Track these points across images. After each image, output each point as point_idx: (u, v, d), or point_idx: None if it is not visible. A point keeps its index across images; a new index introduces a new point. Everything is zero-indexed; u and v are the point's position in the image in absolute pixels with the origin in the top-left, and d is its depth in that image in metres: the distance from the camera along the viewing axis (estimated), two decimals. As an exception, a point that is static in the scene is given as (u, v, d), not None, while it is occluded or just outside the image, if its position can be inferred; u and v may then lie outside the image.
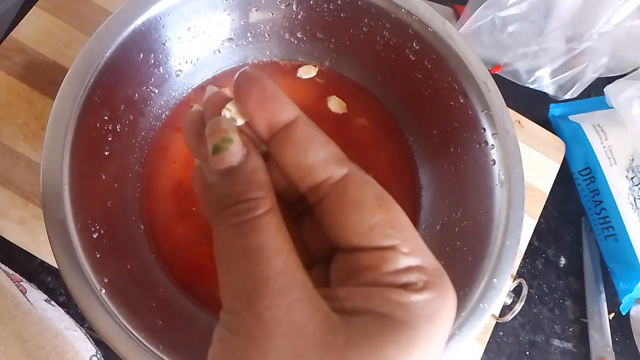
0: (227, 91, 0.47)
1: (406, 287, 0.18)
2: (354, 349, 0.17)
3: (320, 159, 0.19)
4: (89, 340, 0.44)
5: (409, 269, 0.19)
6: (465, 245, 0.43)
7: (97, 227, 0.38)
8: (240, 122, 0.20)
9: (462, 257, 0.42)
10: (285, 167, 0.20)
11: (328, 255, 0.21)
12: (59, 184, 0.36)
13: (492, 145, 0.42)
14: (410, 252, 0.19)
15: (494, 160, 0.42)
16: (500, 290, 0.40)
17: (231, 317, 0.18)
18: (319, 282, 0.20)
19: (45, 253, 0.46)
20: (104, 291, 0.35)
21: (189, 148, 0.22)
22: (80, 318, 0.47)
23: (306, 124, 0.20)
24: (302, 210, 0.22)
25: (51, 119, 0.37)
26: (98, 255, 0.37)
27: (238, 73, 0.20)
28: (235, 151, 0.19)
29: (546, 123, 0.59)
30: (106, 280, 0.36)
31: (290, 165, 0.20)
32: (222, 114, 0.20)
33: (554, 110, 0.59)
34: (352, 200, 0.19)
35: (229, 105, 0.20)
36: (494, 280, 0.40)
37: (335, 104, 0.50)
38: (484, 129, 0.43)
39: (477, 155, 0.44)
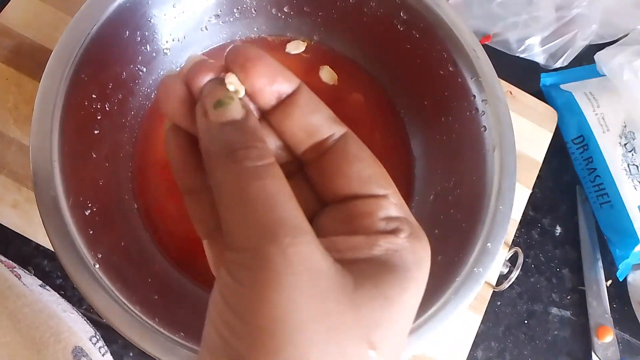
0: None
1: (396, 232, 0.20)
2: (362, 289, 0.19)
3: (325, 119, 0.22)
4: (87, 322, 0.44)
5: (398, 218, 0.21)
6: (459, 213, 0.43)
7: (90, 205, 0.38)
8: (242, 93, 0.21)
9: (456, 224, 0.42)
10: (291, 127, 0.21)
11: (310, 218, 0.22)
12: (49, 161, 0.36)
13: (482, 111, 0.42)
14: (397, 203, 0.21)
15: (484, 126, 0.42)
16: (494, 254, 0.40)
17: (250, 253, 0.18)
18: None
19: (40, 236, 0.46)
20: (97, 266, 0.35)
21: (167, 112, 0.22)
22: (77, 300, 0.47)
23: (308, 90, 0.22)
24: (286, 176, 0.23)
25: (39, 95, 0.37)
26: (91, 232, 0.37)
27: (235, 47, 0.21)
28: (238, 107, 0.20)
29: (538, 93, 0.58)
30: (100, 256, 0.36)
31: (297, 126, 0.21)
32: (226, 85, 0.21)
33: (545, 80, 0.59)
34: (354, 153, 0.21)
35: (231, 78, 0.21)
36: (488, 244, 0.40)
37: (326, 74, 0.49)
38: (474, 96, 0.43)
39: (468, 123, 0.44)
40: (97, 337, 0.43)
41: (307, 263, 0.18)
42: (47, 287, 0.44)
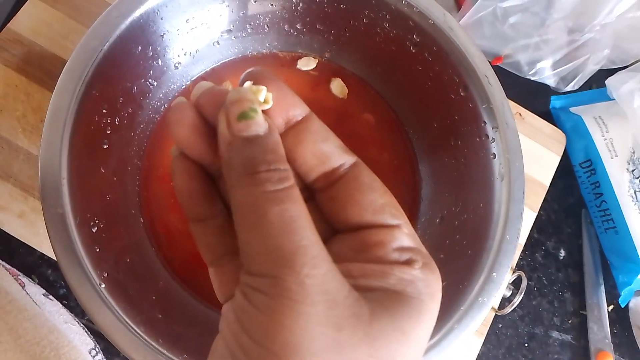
0: (229, 85, 0.47)
1: (410, 263, 0.20)
2: (377, 320, 0.19)
3: (337, 147, 0.22)
4: (87, 334, 0.44)
5: (411, 249, 0.21)
6: (465, 239, 0.43)
7: (97, 221, 0.38)
8: (268, 106, 0.21)
9: (461, 250, 0.42)
10: (303, 154, 0.21)
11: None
12: (58, 179, 0.36)
13: (492, 138, 0.42)
14: (409, 234, 0.21)
15: (494, 154, 0.42)
16: (499, 284, 0.40)
17: (269, 281, 0.18)
18: None
19: (45, 246, 0.46)
20: (103, 286, 0.35)
21: (176, 139, 0.22)
22: (80, 311, 0.47)
23: (318, 119, 0.22)
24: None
25: (49, 113, 0.37)
26: (97, 250, 0.37)
27: (249, 70, 0.21)
28: (262, 121, 0.20)
29: (547, 115, 0.58)
30: (106, 275, 0.36)
31: (309, 152, 0.21)
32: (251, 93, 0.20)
33: (555, 102, 0.58)
34: (366, 183, 0.21)
35: (254, 87, 0.20)
36: (493, 274, 0.40)
37: (337, 87, 0.49)
38: (485, 123, 0.43)
39: (477, 149, 0.43)
40: (97, 349, 0.43)
41: (324, 293, 0.18)
42: (51, 297, 0.44)
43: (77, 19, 0.50)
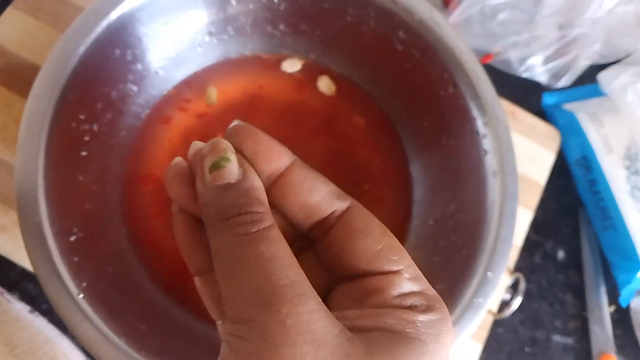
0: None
1: (412, 308, 0.19)
2: None
3: (324, 196, 0.21)
4: (76, 347, 0.42)
5: (413, 293, 0.20)
6: (459, 240, 0.41)
7: (75, 231, 0.37)
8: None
9: (456, 251, 0.41)
10: (290, 208, 0.21)
11: (322, 295, 0.21)
12: (34, 186, 0.35)
13: (483, 134, 0.41)
14: (412, 277, 0.20)
15: (485, 150, 0.41)
16: (495, 284, 0.38)
17: (247, 325, 0.17)
18: None
19: (27, 260, 0.45)
20: (82, 296, 0.34)
21: (173, 196, 0.22)
22: (64, 326, 0.45)
23: (303, 165, 0.21)
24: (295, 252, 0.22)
25: (24, 118, 0.36)
26: (76, 259, 0.35)
27: (229, 127, 0.21)
28: (233, 169, 0.20)
29: (540, 113, 0.57)
30: (84, 285, 0.34)
31: (296, 206, 0.21)
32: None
33: (548, 99, 0.57)
34: (359, 229, 0.21)
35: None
36: (489, 273, 0.38)
37: (325, 84, 0.48)
38: (475, 119, 0.42)
39: (469, 146, 0.42)
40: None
41: (310, 333, 0.17)
42: (36, 313, 0.43)
43: (60, 29, 0.49)
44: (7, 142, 0.46)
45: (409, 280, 0.20)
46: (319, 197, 0.21)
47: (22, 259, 0.45)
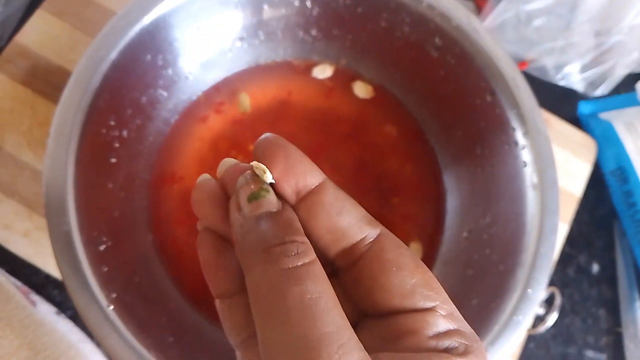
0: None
1: (449, 351, 0.18)
2: None
3: (354, 220, 0.19)
4: (101, 353, 0.42)
5: (449, 333, 0.18)
6: (495, 254, 0.40)
7: (104, 240, 0.36)
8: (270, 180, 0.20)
9: (492, 266, 0.40)
10: (317, 229, 0.20)
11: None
12: (63, 195, 0.34)
13: (522, 145, 0.40)
14: (447, 314, 0.19)
15: (524, 162, 0.40)
16: (535, 301, 0.37)
17: None
18: None
19: (51, 266, 0.44)
20: (111, 307, 0.33)
21: (200, 216, 0.21)
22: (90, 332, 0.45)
23: (334, 186, 0.20)
24: None
25: (54, 126, 0.35)
26: (105, 269, 0.34)
27: (259, 139, 0.20)
28: (273, 199, 0.19)
29: (575, 121, 0.56)
30: (114, 296, 0.34)
31: (323, 228, 0.19)
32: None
33: (583, 108, 0.56)
34: (391, 261, 0.19)
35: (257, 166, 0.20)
36: (529, 290, 0.37)
37: (360, 89, 0.47)
38: (514, 129, 0.40)
39: (506, 157, 0.41)
40: (111, 370, 0.42)
41: None
42: (62, 315, 0.43)
43: (85, 31, 0.49)
44: (31, 145, 0.46)
45: (444, 317, 0.18)
46: (349, 220, 0.19)
47: (46, 264, 0.44)
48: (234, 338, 0.20)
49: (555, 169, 0.39)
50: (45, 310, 0.42)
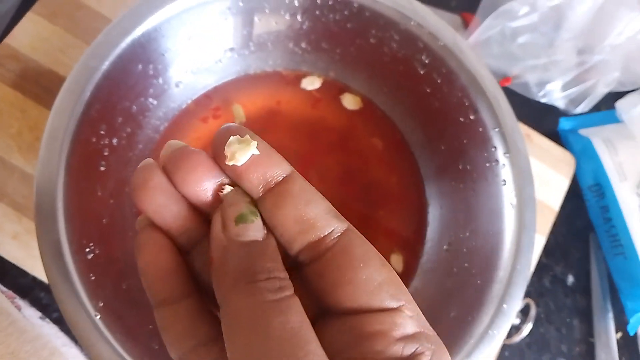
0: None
1: (416, 357, 0.17)
2: None
3: (322, 212, 0.19)
4: (85, 357, 0.42)
5: (416, 335, 0.18)
6: (473, 267, 0.41)
7: (92, 247, 0.37)
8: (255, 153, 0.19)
9: (471, 279, 0.41)
10: (284, 220, 0.19)
11: None
12: (53, 203, 0.34)
13: (502, 164, 0.41)
14: (413, 315, 0.18)
15: (504, 180, 0.41)
16: (510, 316, 0.38)
17: None
18: None
19: (38, 269, 0.45)
20: (99, 316, 0.34)
21: (147, 207, 0.19)
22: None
23: (302, 178, 0.19)
24: None
25: (46, 134, 0.35)
26: (93, 278, 0.35)
27: (216, 132, 0.19)
28: (260, 225, 0.18)
29: (555, 136, 0.57)
30: (101, 304, 0.34)
31: (291, 219, 0.19)
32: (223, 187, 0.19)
33: (564, 124, 0.57)
34: (359, 256, 0.18)
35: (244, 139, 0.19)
36: (504, 306, 0.38)
37: (349, 101, 0.48)
38: (495, 147, 0.41)
39: (486, 174, 0.42)
40: (96, 374, 0.42)
41: None
42: (47, 320, 0.43)
43: (76, 34, 0.49)
44: (21, 149, 0.46)
45: (410, 318, 0.18)
46: (317, 212, 0.19)
47: (34, 268, 0.45)
48: (179, 348, 0.19)
49: (534, 188, 0.40)
50: (29, 314, 0.42)
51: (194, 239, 0.20)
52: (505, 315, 0.38)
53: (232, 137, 0.19)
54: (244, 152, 0.18)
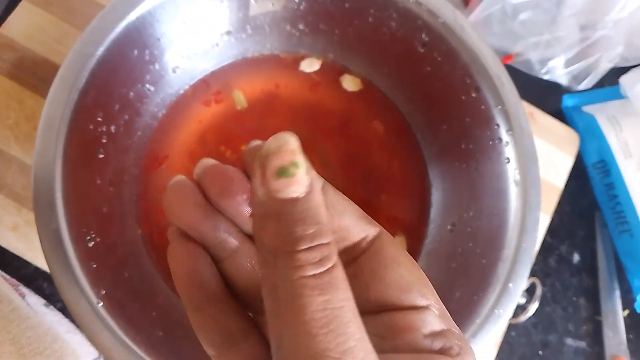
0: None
1: (445, 352, 0.18)
2: None
3: (356, 220, 0.20)
4: (89, 344, 0.42)
5: (443, 333, 0.19)
6: (478, 248, 0.41)
7: (93, 235, 0.36)
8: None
9: (475, 260, 0.41)
10: None
11: None
12: (52, 192, 0.34)
13: (506, 142, 0.40)
14: (441, 314, 0.19)
15: (508, 158, 0.40)
16: (516, 295, 0.38)
17: None
18: None
19: (40, 259, 0.44)
20: (101, 304, 0.33)
21: (178, 220, 0.19)
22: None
23: (333, 189, 0.20)
24: None
25: (42, 123, 0.35)
26: (94, 266, 0.35)
27: (251, 144, 0.20)
28: (303, 179, 0.16)
29: (559, 114, 0.56)
30: (103, 292, 0.34)
31: None
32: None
33: (568, 101, 0.57)
34: (392, 257, 0.20)
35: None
36: (510, 284, 0.38)
37: (349, 83, 0.48)
38: (498, 125, 0.41)
39: (490, 153, 0.42)
40: (101, 359, 0.42)
41: None
42: (51, 307, 0.43)
43: (72, 23, 0.48)
44: (19, 139, 0.46)
45: (438, 317, 0.19)
46: (351, 220, 0.20)
47: (35, 258, 0.44)
48: (213, 349, 0.19)
49: (538, 166, 0.40)
50: (33, 301, 0.42)
51: (229, 249, 0.20)
52: (511, 294, 0.38)
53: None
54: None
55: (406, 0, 0.41)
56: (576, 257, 0.55)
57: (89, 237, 0.36)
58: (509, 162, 0.40)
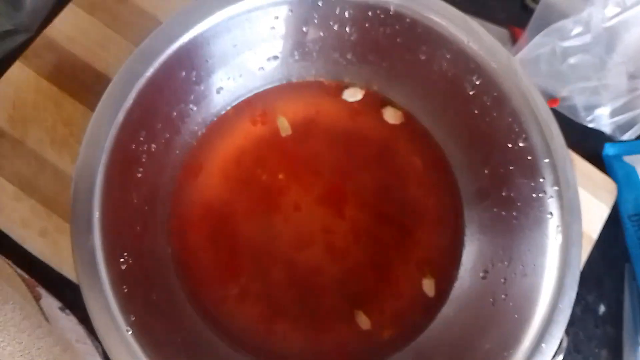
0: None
1: None
2: None
3: None
4: (98, 354, 0.42)
5: None
6: (511, 301, 0.40)
7: (126, 257, 0.36)
8: None
9: (508, 313, 0.40)
10: None
11: None
12: (90, 212, 0.34)
13: (550, 195, 0.40)
14: None
15: (551, 212, 0.39)
16: (548, 356, 0.37)
17: None
18: None
19: (66, 267, 0.44)
20: (130, 332, 0.33)
21: None
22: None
23: None
24: None
25: (85, 140, 0.34)
26: (125, 290, 0.34)
27: None
28: None
29: (596, 158, 0.55)
30: (133, 319, 0.34)
31: None
32: None
33: (609, 150, 0.55)
34: None
35: None
36: (542, 345, 0.37)
37: (391, 115, 0.47)
38: (544, 178, 0.40)
39: (532, 204, 0.41)
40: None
41: None
42: (67, 311, 0.43)
43: (115, 29, 0.48)
44: (55, 143, 0.45)
45: None
46: None
47: (61, 266, 0.44)
48: None
49: (581, 224, 0.39)
50: (49, 303, 0.42)
51: None
52: (543, 355, 0.37)
53: None
54: None
55: (461, 41, 0.40)
56: (602, 308, 0.54)
57: (122, 259, 0.35)
58: (551, 216, 0.39)
